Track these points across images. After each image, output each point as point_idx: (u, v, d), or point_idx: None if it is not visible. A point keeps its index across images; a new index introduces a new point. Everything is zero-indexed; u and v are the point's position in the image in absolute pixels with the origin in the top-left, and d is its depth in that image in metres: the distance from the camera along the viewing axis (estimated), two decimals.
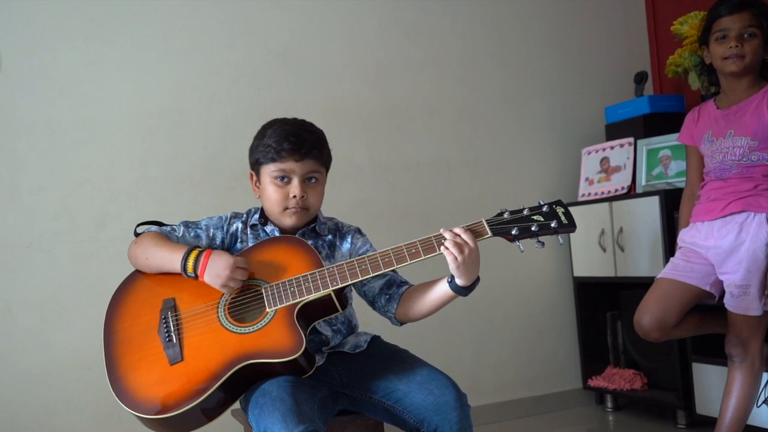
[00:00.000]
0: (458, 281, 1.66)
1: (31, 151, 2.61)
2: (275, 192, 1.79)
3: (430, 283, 1.74)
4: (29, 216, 2.59)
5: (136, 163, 2.73)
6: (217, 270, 1.66)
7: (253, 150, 1.85)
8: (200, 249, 1.71)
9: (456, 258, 1.61)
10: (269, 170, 1.80)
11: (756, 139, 2.27)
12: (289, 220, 1.80)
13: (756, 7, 2.30)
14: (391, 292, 1.80)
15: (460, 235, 1.62)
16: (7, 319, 2.55)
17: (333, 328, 1.82)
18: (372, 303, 1.85)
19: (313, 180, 1.81)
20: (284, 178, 1.79)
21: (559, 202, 1.70)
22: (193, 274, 1.69)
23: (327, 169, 1.88)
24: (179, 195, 2.76)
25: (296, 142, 1.78)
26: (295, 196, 1.77)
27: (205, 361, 1.63)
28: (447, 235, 1.62)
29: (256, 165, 1.84)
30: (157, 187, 2.74)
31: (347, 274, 1.66)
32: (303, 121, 1.86)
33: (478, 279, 1.68)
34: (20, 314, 2.56)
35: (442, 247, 1.62)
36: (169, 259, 1.72)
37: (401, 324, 1.82)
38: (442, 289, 1.70)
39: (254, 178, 1.87)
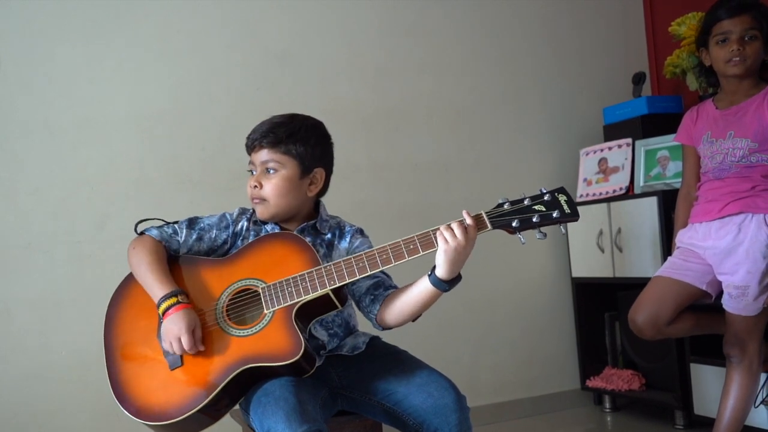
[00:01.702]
0: (439, 270, 1.60)
1: (30, 151, 2.61)
2: (247, 184, 1.82)
3: (412, 283, 1.70)
4: (28, 217, 2.59)
5: (135, 163, 2.73)
6: (166, 328, 1.65)
7: None
8: (177, 300, 1.66)
9: (447, 242, 1.57)
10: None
11: (756, 141, 2.27)
12: (257, 212, 1.82)
13: (756, 9, 2.29)
14: (377, 293, 1.76)
15: (451, 228, 1.58)
16: (6, 320, 2.54)
17: (329, 332, 1.80)
18: (357, 302, 1.82)
19: (271, 171, 1.78)
20: (252, 171, 1.82)
21: (561, 190, 1.63)
22: (161, 318, 1.69)
23: (300, 159, 1.79)
24: (178, 195, 2.76)
25: (255, 134, 1.80)
26: (250, 186, 1.80)
27: (205, 365, 1.63)
28: (446, 224, 1.59)
29: None
30: (155, 187, 2.74)
31: (344, 273, 1.63)
32: (282, 115, 1.84)
33: (459, 277, 1.63)
34: (19, 315, 2.56)
35: (438, 232, 1.58)
36: (152, 291, 1.71)
37: (382, 328, 1.78)
38: (421, 285, 1.65)
39: None
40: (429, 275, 1.63)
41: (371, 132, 3.07)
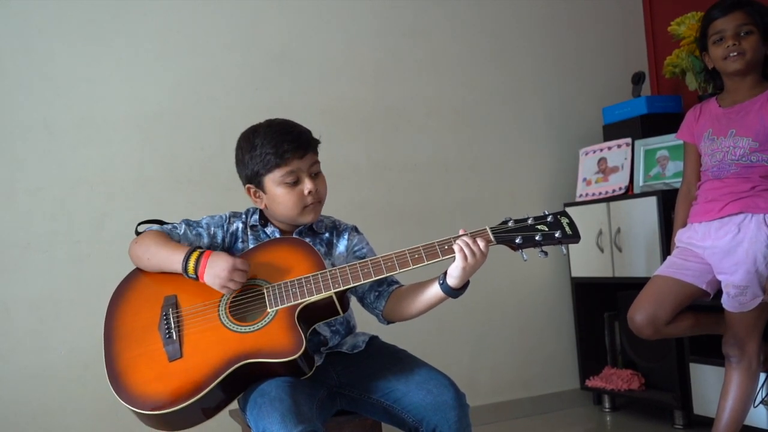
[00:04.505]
0: (452, 281, 1.66)
1: (29, 151, 2.61)
2: (288, 195, 1.78)
3: (421, 284, 1.75)
4: (27, 216, 2.59)
5: (134, 163, 2.73)
6: (216, 271, 1.66)
7: (246, 163, 1.81)
8: (201, 250, 1.70)
9: (467, 258, 1.62)
10: (275, 177, 1.78)
11: (757, 140, 2.27)
12: (308, 218, 1.81)
13: (749, 5, 2.31)
14: (381, 290, 1.82)
15: (478, 244, 1.64)
16: (5, 320, 2.55)
17: (332, 328, 1.83)
18: (361, 299, 1.86)
19: (316, 174, 1.82)
20: (295, 180, 1.78)
21: (563, 213, 1.71)
22: (194, 275, 1.69)
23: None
24: (177, 195, 2.76)
25: (295, 141, 1.77)
26: (310, 192, 1.78)
27: (204, 358, 1.63)
28: (466, 238, 1.64)
29: (256, 177, 1.80)
30: (154, 187, 2.74)
31: (349, 277, 1.66)
32: (285, 120, 1.85)
33: (468, 282, 1.69)
34: (18, 314, 2.56)
35: (456, 246, 1.63)
36: (171, 259, 1.71)
37: (388, 322, 1.84)
38: (433, 290, 1.72)
39: (252, 190, 1.84)
40: (440, 283, 1.69)
41: (371, 132, 3.07)
